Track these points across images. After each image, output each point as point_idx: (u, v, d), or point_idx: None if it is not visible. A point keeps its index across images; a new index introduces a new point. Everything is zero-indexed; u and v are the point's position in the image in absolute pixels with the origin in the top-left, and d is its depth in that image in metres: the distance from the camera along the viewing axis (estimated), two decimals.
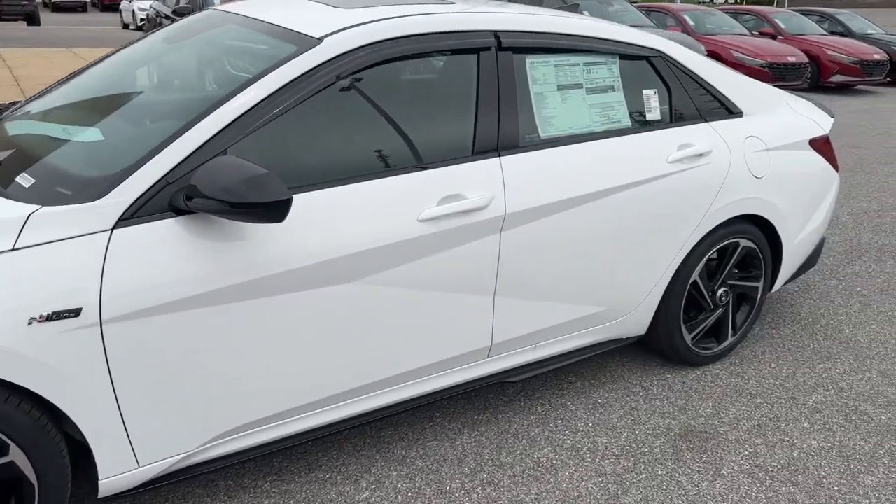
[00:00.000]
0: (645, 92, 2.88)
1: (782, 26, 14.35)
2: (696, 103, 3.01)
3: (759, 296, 3.36)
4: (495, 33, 2.52)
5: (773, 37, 14.17)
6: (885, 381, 3.24)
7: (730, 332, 3.32)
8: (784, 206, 3.23)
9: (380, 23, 2.32)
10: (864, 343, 3.59)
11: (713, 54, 12.24)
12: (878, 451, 2.76)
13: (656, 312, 3.09)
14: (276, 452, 2.59)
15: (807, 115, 3.42)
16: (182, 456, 2.09)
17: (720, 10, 14.67)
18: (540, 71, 2.61)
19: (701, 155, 2.93)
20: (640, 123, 2.85)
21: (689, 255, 3.03)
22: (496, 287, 2.50)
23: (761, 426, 2.87)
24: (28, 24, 25.56)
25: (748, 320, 3.38)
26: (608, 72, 2.79)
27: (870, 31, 15.83)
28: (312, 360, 2.20)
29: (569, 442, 2.73)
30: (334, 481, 2.46)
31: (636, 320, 3.00)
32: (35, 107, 2.57)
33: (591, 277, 2.74)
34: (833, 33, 15.69)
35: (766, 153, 3.15)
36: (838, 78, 13.36)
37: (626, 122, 2.82)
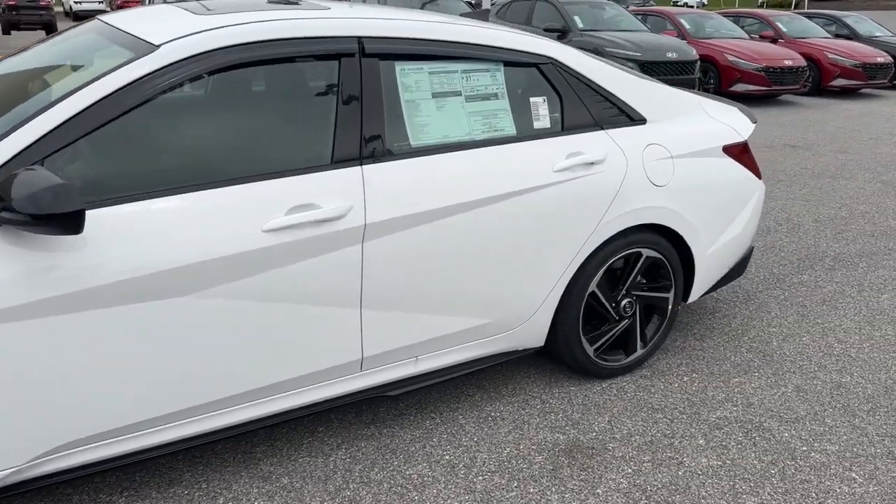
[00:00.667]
0: (532, 99, 2.82)
1: (783, 29, 14.13)
2: (591, 111, 2.93)
3: (669, 307, 3.27)
4: (359, 39, 2.47)
5: (774, 40, 13.95)
6: (800, 396, 3.13)
7: (638, 344, 3.24)
8: (693, 216, 3.14)
9: (225, 29, 2.28)
10: (789, 356, 3.48)
11: (707, 59, 12.08)
12: (770, 470, 2.66)
13: (553, 324, 3.02)
14: (140, 466, 2.55)
15: (724, 122, 3.33)
16: (10, 471, 2.06)
17: (719, 13, 14.48)
18: (412, 78, 2.56)
19: (592, 163, 2.85)
20: (527, 132, 2.79)
21: (583, 265, 2.95)
22: (362, 299, 2.45)
23: (653, 443, 2.78)
24: (47, 34, 26.01)
25: (659, 332, 3.29)
26: (491, 79, 2.73)
27: (877, 34, 15.54)
28: (151, 372, 2.17)
29: (447, 457, 2.66)
30: (191, 497, 2.42)
31: (530, 332, 2.93)
32: None
33: (471, 289, 2.68)
34: (839, 36, 15.43)
35: (670, 161, 3.06)
36: (840, 82, 13.12)
37: (511, 130, 2.75)
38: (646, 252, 3.10)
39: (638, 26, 11.74)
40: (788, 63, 11.97)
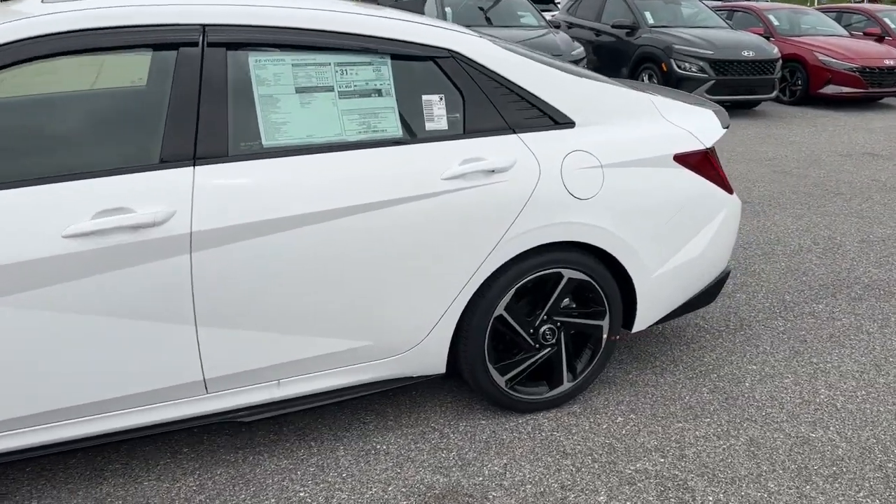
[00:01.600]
0: (425, 98, 2.50)
1: (892, 26, 12.86)
2: (502, 112, 2.58)
3: (603, 336, 2.86)
4: (203, 27, 2.24)
5: (881, 38, 12.72)
6: (749, 451, 2.66)
7: (565, 376, 2.85)
8: (629, 234, 2.72)
9: (46, 17, 2.10)
10: (759, 401, 2.98)
11: (796, 58, 11.12)
12: None
13: (453, 350, 2.69)
14: None
15: (682, 126, 2.88)
16: None
17: (818, 9, 13.33)
18: (269, 71, 2.30)
19: (492, 171, 2.50)
20: (417, 134, 2.47)
21: (484, 286, 2.61)
22: (196, 316, 2.22)
23: (545, 494, 2.41)
24: None
25: (592, 364, 2.89)
26: (374, 74, 2.44)
27: None
28: None
29: (302, 494, 2.39)
30: None
31: (424, 357, 2.61)
32: None
33: (339, 308, 2.40)
34: None
35: (599, 171, 2.66)
36: None
37: (396, 131, 2.45)
38: (568, 273, 2.71)
39: (717, 23, 10.95)
40: (890, 63, 10.85)
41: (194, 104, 2.20)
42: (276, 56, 2.31)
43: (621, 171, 2.70)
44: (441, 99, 2.51)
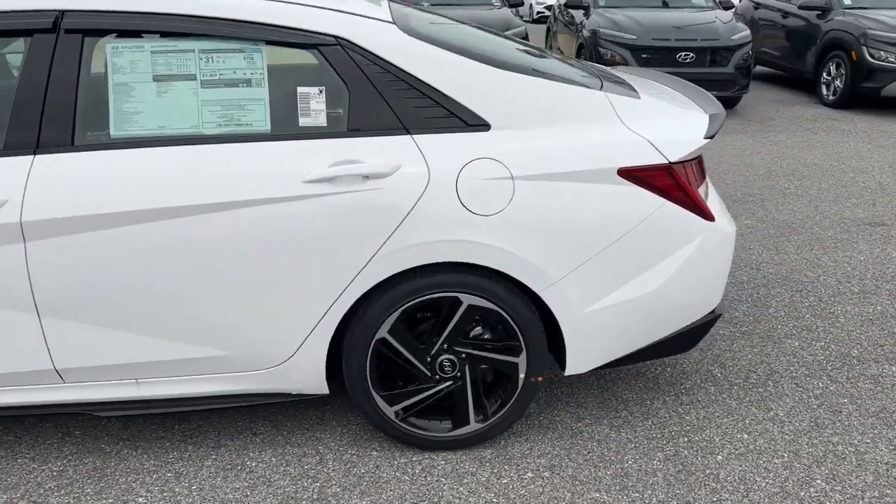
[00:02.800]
0: (301, 90, 2.24)
1: None
2: (395, 109, 2.25)
3: (520, 376, 2.44)
4: (62, 13, 2.17)
5: None
6: None
7: (472, 415, 2.47)
8: (544, 259, 2.28)
9: None
10: (720, 482, 2.39)
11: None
12: None
13: (332, 370, 2.43)
14: None
15: (641, 133, 2.35)
16: None
17: None
18: (126, 58, 2.19)
19: (367, 177, 2.20)
20: (289, 129, 2.24)
21: (360, 304, 2.32)
22: (37, 305, 2.19)
23: None
24: None
25: (508, 406, 2.48)
26: (245, 62, 2.23)
27: None
28: None
29: (140, 500, 2.30)
30: None
31: (297, 375, 2.38)
32: None
33: (185, 313, 2.25)
34: None
35: (509, 183, 2.24)
36: None
37: (264, 126, 2.23)
38: (469, 300, 2.33)
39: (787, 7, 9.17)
40: None
41: (41, 92, 2.14)
42: (135, 43, 2.19)
43: (540, 186, 2.26)
44: (321, 92, 2.25)
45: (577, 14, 9.33)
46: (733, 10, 9.94)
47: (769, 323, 3.44)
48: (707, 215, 2.40)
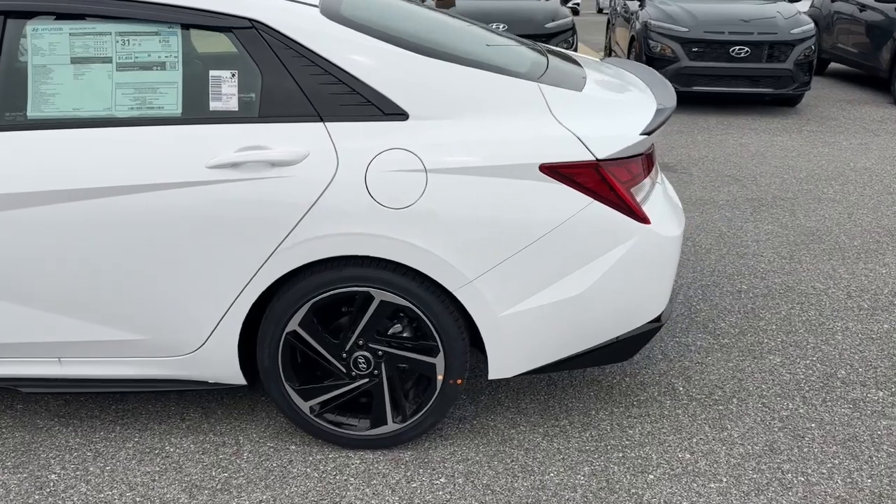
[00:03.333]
0: (213, 73, 2.21)
1: None
2: (310, 95, 2.19)
3: (439, 377, 2.34)
4: None
5: None
6: None
7: (389, 415, 2.39)
8: (457, 257, 2.18)
9: None
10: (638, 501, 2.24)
11: None
12: None
13: (246, 361, 2.40)
14: None
15: (571, 128, 2.20)
16: None
17: None
18: (45, 40, 2.20)
19: (273, 164, 2.15)
20: (199, 113, 2.21)
21: (268, 295, 2.28)
22: None
23: None
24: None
25: (425, 409, 2.39)
26: (161, 45, 2.21)
27: None
28: None
29: (52, 477, 2.33)
30: None
31: (212, 364, 2.36)
32: None
33: (97, 295, 2.26)
34: None
35: (422, 175, 2.15)
36: None
37: (175, 109, 2.21)
38: (381, 296, 2.25)
39: None
40: None
41: None
42: (54, 25, 2.20)
43: (455, 179, 2.15)
44: (233, 76, 2.21)
45: (633, 5, 9.01)
46: (809, 2, 9.38)
47: (755, 336, 3.20)
48: (640, 217, 2.24)
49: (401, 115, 2.19)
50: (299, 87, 2.19)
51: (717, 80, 7.72)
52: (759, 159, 6.07)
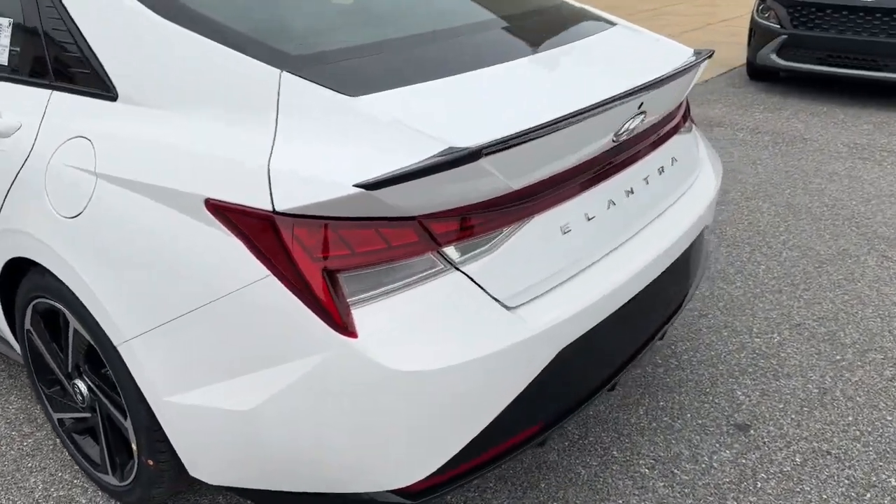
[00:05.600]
0: None
1: None
2: (52, 58, 1.76)
3: (134, 447, 1.77)
4: None
5: None
6: None
7: (108, 465, 1.92)
8: (116, 303, 1.57)
9: None
10: None
11: None
12: None
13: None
14: None
15: (280, 156, 1.37)
16: None
17: None
18: None
19: None
20: None
21: (19, 286, 1.95)
22: None
23: None
24: None
25: (132, 478, 1.83)
26: None
27: None
28: None
29: None
30: None
31: None
32: None
33: None
34: None
35: (92, 179, 1.58)
36: None
37: None
38: (74, 321, 1.76)
39: None
40: None
41: None
42: None
43: (120, 193, 1.53)
44: (9, 24, 1.88)
45: None
46: None
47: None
48: (338, 323, 1.32)
49: (109, 94, 1.62)
50: (44, 46, 1.77)
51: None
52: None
